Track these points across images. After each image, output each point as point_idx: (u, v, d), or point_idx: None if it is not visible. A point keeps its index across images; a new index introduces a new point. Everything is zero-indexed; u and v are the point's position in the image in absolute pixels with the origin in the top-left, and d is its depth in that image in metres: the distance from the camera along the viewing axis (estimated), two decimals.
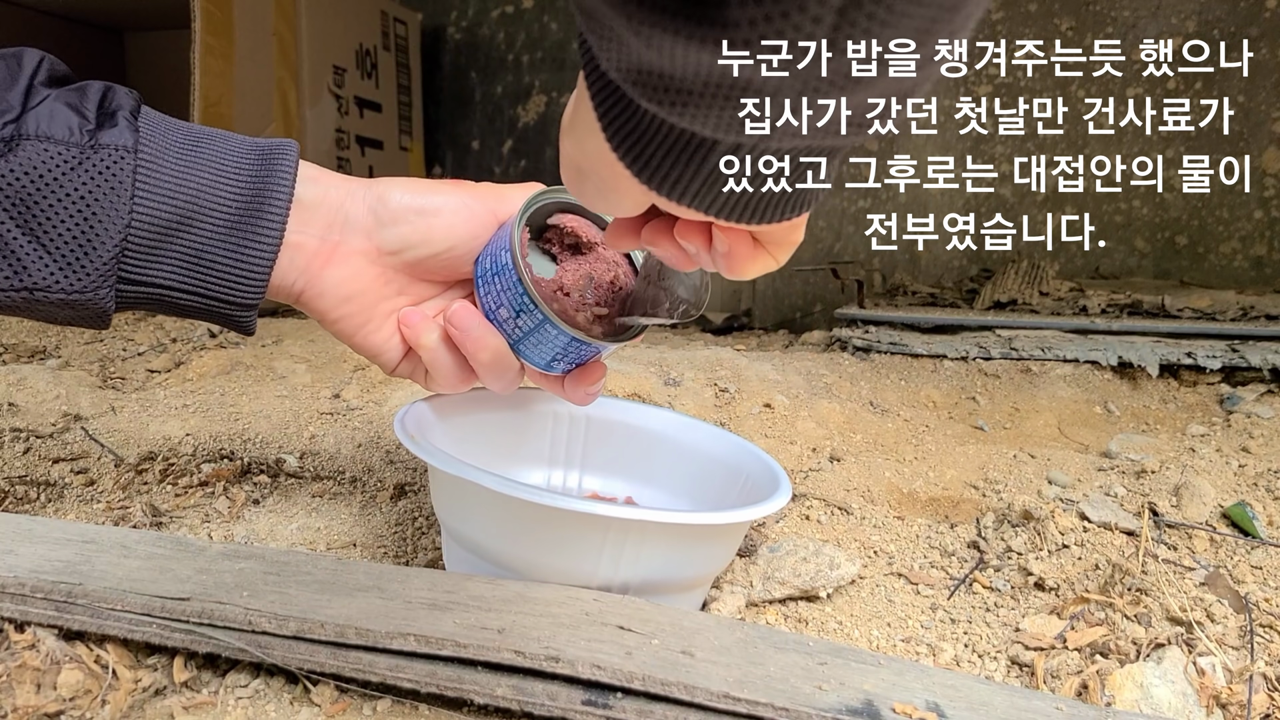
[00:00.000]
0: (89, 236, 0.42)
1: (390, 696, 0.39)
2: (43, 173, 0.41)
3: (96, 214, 0.42)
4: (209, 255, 0.45)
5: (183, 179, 0.44)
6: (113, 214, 0.42)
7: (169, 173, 0.44)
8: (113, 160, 0.42)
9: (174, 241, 0.44)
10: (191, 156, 0.45)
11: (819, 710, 0.36)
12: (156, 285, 0.45)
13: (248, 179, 0.46)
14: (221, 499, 0.65)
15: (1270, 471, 0.77)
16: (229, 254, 0.45)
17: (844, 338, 1.25)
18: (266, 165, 0.46)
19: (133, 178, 0.42)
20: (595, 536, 0.45)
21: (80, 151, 0.41)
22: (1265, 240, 1.71)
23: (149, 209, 0.43)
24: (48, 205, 0.41)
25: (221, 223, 0.45)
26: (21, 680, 0.38)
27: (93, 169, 0.41)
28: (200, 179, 0.44)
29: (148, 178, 0.43)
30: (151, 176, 0.43)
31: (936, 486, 0.77)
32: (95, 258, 0.42)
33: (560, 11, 2.28)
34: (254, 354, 1.08)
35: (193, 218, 0.44)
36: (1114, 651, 0.48)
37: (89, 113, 0.42)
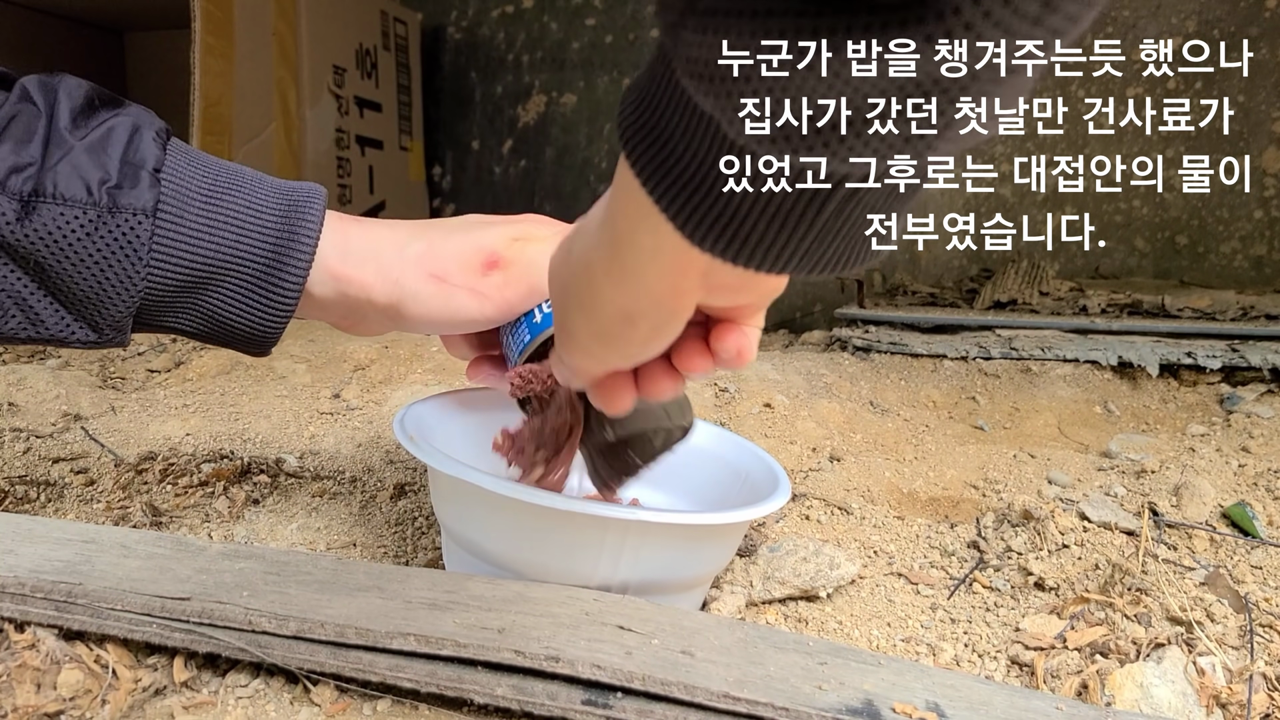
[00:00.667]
0: (103, 298, 0.42)
1: (390, 696, 0.39)
2: (58, 238, 0.40)
3: (110, 279, 0.41)
4: (225, 314, 0.45)
5: (200, 241, 0.43)
6: (127, 279, 0.42)
7: (187, 235, 0.43)
8: (129, 226, 0.41)
9: (190, 299, 0.44)
10: (212, 213, 0.44)
11: (819, 710, 0.36)
12: (173, 330, 0.45)
13: (271, 239, 0.45)
14: (221, 499, 0.65)
15: (1270, 471, 0.77)
16: (245, 313, 0.45)
17: (844, 337, 1.25)
18: (289, 225, 0.45)
19: (149, 244, 0.42)
20: (594, 537, 0.44)
21: (98, 214, 0.41)
22: (1265, 240, 1.71)
23: (164, 274, 0.43)
24: (64, 268, 0.41)
25: (239, 284, 0.45)
26: (21, 680, 0.38)
27: (109, 235, 0.41)
28: (220, 239, 0.44)
29: (164, 243, 0.42)
30: (169, 241, 0.43)
31: (936, 486, 0.77)
32: (109, 315, 0.42)
33: (560, 11, 2.28)
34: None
35: (210, 279, 0.44)
36: (1114, 651, 0.48)
37: (111, 167, 0.41)
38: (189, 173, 0.44)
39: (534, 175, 2.29)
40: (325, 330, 1.24)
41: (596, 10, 2.26)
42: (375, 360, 1.06)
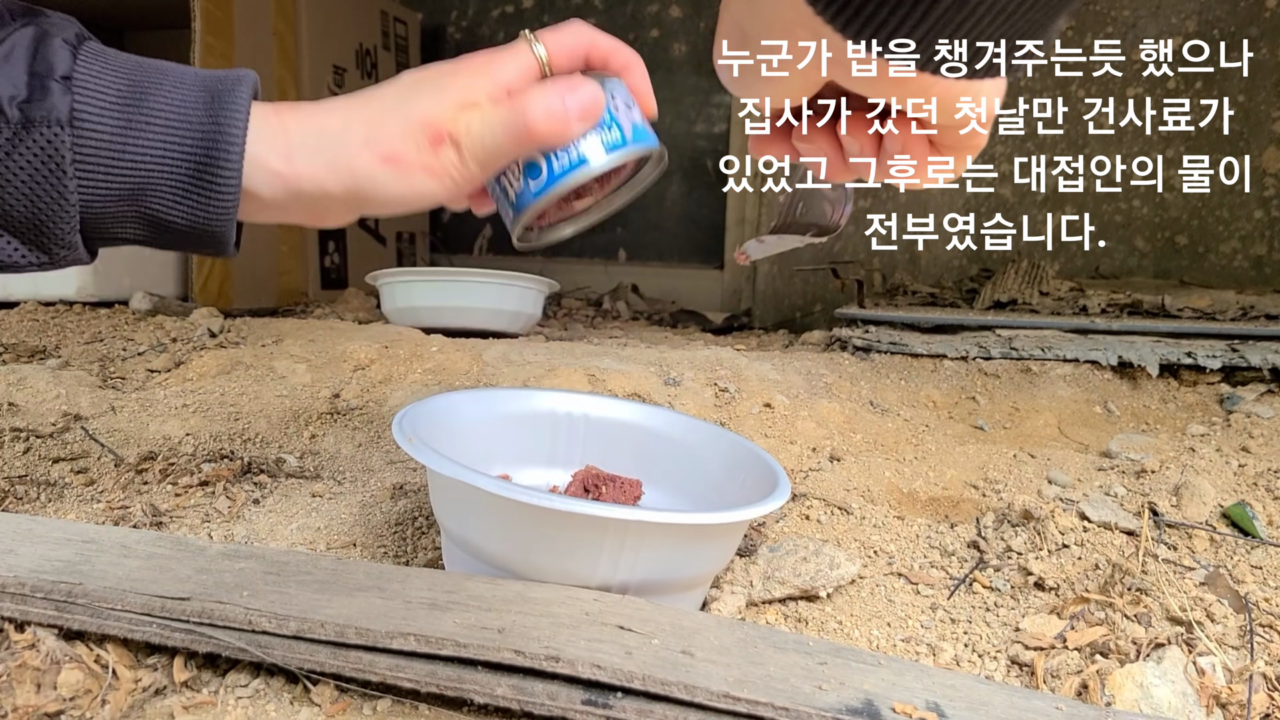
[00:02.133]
0: (41, 218, 0.40)
1: (390, 696, 0.39)
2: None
3: (43, 198, 0.40)
4: (169, 218, 0.43)
5: (125, 147, 0.41)
6: (58, 195, 0.40)
7: (109, 142, 0.41)
8: (46, 140, 0.39)
9: (132, 208, 0.42)
10: (132, 115, 0.42)
11: (819, 710, 0.36)
12: (128, 241, 0.43)
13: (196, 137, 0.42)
14: (221, 499, 0.65)
15: (1270, 471, 0.77)
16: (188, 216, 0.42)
17: (844, 337, 1.25)
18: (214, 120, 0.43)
19: (71, 156, 0.40)
20: (594, 537, 0.44)
21: (13, 132, 0.39)
22: (1265, 240, 1.71)
23: (95, 185, 0.41)
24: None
25: (174, 187, 0.42)
26: (22, 680, 0.38)
27: (28, 152, 0.39)
28: (144, 143, 0.42)
29: (88, 152, 0.40)
30: (91, 150, 0.40)
31: (936, 486, 0.77)
32: (53, 235, 0.41)
33: (560, 12, 2.28)
34: (254, 354, 1.08)
35: (145, 185, 0.42)
36: (1114, 651, 0.48)
37: (18, 80, 0.39)
38: (104, 76, 0.42)
39: None
40: (325, 330, 1.24)
41: (596, 10, 2.25)
42: (375, 360, 1.06)
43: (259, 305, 1.68)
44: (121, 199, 0.42)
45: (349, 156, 0.44)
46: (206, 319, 1.29)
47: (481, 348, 1.12)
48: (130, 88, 0.42)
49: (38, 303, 1.43)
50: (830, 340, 1.31)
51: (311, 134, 0.44)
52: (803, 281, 2.08)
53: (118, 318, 1.37)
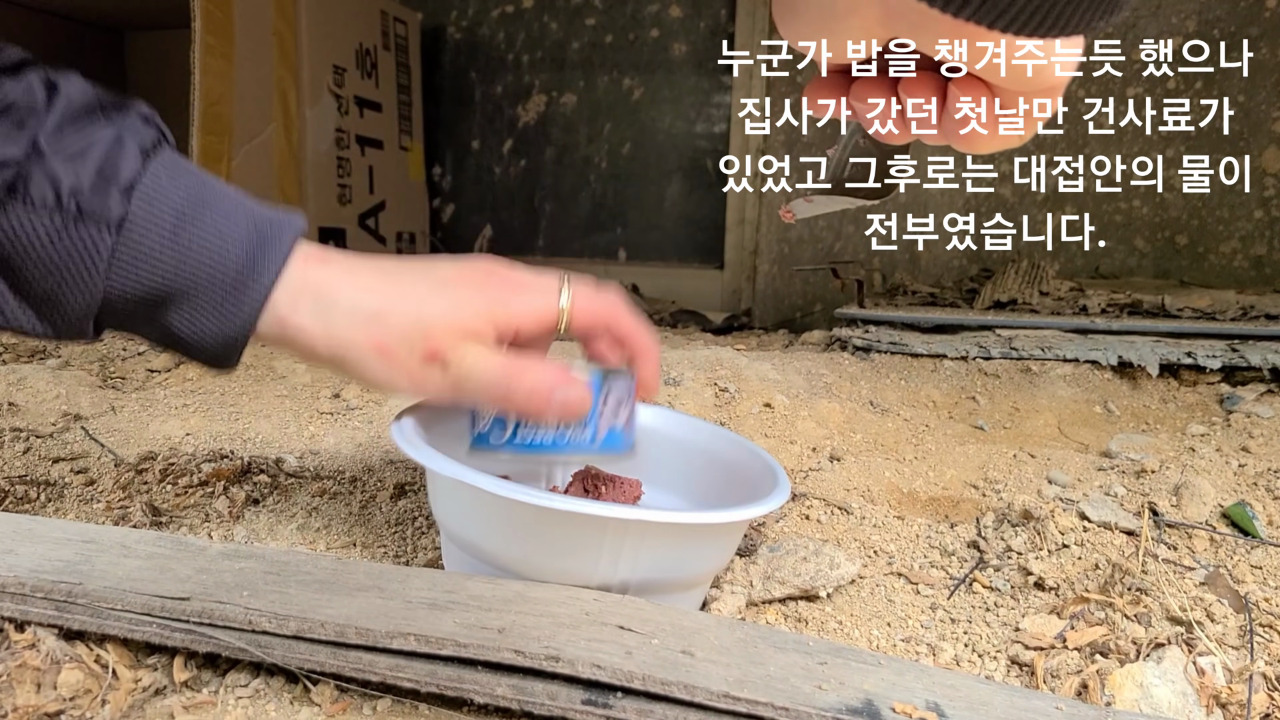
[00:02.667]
0: (60, 301, 0.42)
1: (390, 696, 0.39)
2: (23, 238, 0.40)
3: (69, 285, 0.41)
4: (181, 333, 0.44)
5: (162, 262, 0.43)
6: (85, 288, 0.41)
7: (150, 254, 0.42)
8: (91, 239, 0.41)
9: (150, 313, 0.43)
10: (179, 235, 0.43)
11: (819, 710, 0.36)
12: (136, 335, 0.45)
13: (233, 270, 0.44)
14: (221, 499, 0.65)
15: (1270, 471, 0.77)
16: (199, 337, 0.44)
17: (844, 337, 1.25)
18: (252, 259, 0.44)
19: (109, 259, 0.41)
20: (593, 537, 0.44)
21: (64, 222, 0.40)
22: (1265, 240, 1.71)
23: (123, 287, 0.42)
24: (26, 267, 0.41)
25: (196, 309, 0.44)
26: (21, 680, 0.38)
27: (70, 244, 0.41)
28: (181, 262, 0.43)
29: (126, 258, 0.42)
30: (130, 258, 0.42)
31: (936, 486, 0.77)
32: (68, 321, 0.42)
33: (560, 11, 2.28)
34: (254, 354, 1.08)
35: (169, 299, 0.43)
36: (1114, 651, 0.48)
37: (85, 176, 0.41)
38: (167, 189, 0.43)
39: (534, 175, 2.29)
40: None
41: (596, 10, 2.25)
42: None
43: None
44: (145, 304, 0.43)
45: (347, 330, 0.45)
46: None
47: None
48: (185, 205, 0.43)
49: None
50: (830, 340, 1.31)
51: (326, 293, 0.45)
52: (803, 281, 2.08)
53: None
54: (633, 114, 2.26)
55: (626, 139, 2.27)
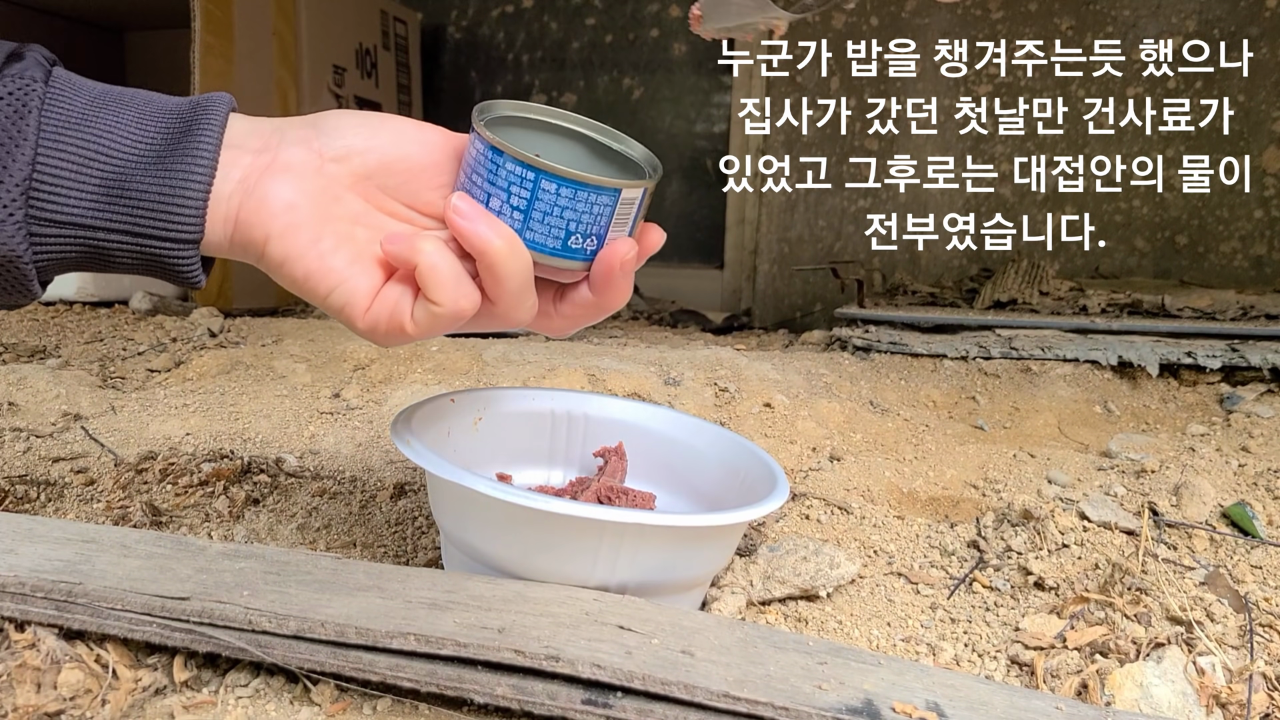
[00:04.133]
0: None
1: (390, 696, 0.39)
2: None
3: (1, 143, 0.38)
4: (133, 184, 0.40)
5: (99, 112, 0.40)
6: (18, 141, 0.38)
7: (83, 105, 0.40)
8: (18, 86, 0.38)
9: (91, 171, 0.40)
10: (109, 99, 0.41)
11: (819, 710, 0.36)
12: (76, 224, 0.40)
13: (174, 114, 0.41)
14: (221, 499, 0.65)
15: (1270, 471, 0.77)
16: (156, 180, 0.40)
17: (844, 337, 1.25)
18: (196, 103, 0.42)
19: (41, 103, 0.39)
20: (592, 539, 0.44)
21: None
22: (1265, 240, 1.71)
23: (59, 139, 0.39)
24: None
25: (145, 151, 0.40)
26: (22, 679, 0.38)
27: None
28: (120, 114, 0.41)
29: (58, 107, 0.39)
30: (62, 106, 0.39)
31: (936, 486, 0.77)
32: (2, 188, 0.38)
33: (560, 11, 2.28)
34: (254, 354, 1.08)
35: (112, 148, 0.40)
36: (1114, 651, 0.48)
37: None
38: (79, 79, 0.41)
39: None
40: (325, 330, 1.24)
41: (596, 10, 2.25)
42: (375, 360, 1.06)
43: (259, 305, 1.68)
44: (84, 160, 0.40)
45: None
46: (206, 319, 1.29)
47: (481, 347, 1.12)
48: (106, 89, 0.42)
49: (38, 302, 1.43)
50: (830, 340, 1.31)
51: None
52: (803, 281, 2.08)
53: (118, 317, 1.37)
54: (633, 114, 2.26)
55: None
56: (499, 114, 0.45)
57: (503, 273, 0.41)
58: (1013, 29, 1.85)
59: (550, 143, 0.46)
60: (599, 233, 0.43)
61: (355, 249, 0.43)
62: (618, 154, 0.46)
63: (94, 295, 1.47)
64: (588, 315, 0.46)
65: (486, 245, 0.41)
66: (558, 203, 0.41)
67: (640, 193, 0.43)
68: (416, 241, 0.41)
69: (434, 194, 0.44)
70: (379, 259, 0.43)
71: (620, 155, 0.46)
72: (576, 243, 0.43)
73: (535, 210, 0.41)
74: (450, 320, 0.42)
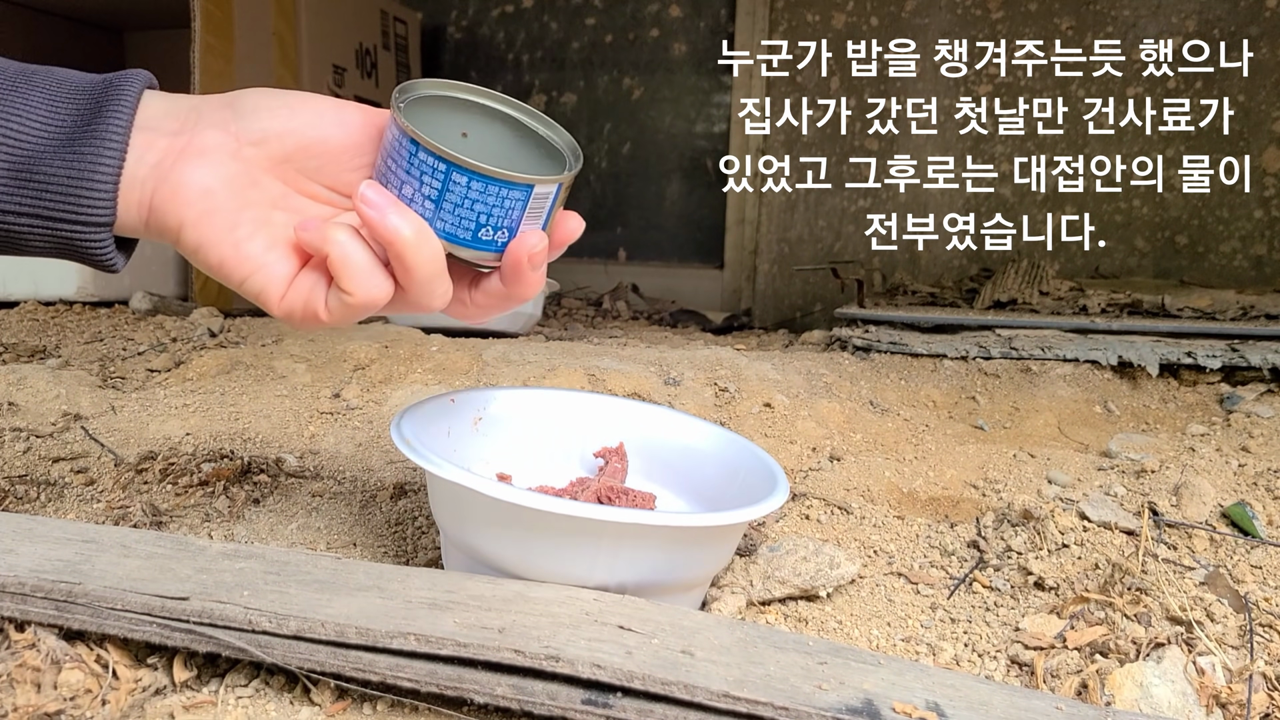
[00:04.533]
0: None
1: (390, 696, 0.39)
2: None
3: None
4: (42, 167, 0.39)
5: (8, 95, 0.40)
6: None
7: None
8: None
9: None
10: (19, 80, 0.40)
11: (819, 710, 0.36)
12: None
13: (86, 94, 0.40)
14: (221, 499, 0.65)
15: (1270, 471, 0.77)
16: (65, 163, 0.39)
17: (844, 337, 1.25)
18: (108, 82, 0.41)
19: None
20: (591, 540, 0.44)
21: None
22: (1265, 240, 1.71)
23: None
24: None
25: (55, 133, 0.40)
26: (22, 679, 0.38)
27: None
28: (28, 96, 0.40)
29: None
30: None
31: (936, 486, 0.77)
32: None
33: (560, 11, 2.28)
34: (254, 354, 1.08)
35: (20, 131, 0.39)
36: (1114, 651, 0.48)
37: None
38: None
39: None
40: (325, 330, 1.24)
41: (596, 10, 2.25)
42: (375, 360, 1.06)
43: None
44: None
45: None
46: (206, 319, 1.29)
47: (481, 347, 1.12)
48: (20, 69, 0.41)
49: (37, 302, 1.43)
50: (830, 340, 1.31)
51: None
52: (803, 281, 2.08)
53: (118, 317, 1.37)
54: (633, 114, 2.26)
55: (626, 139, 2.27)
56: (420, 94, 0.45)
57: (412, 261, 0.41)
58: (1013, 29, 1.85)
59: (475, 123, 0.46)
60: (510, 225, 0.43)
61: (272, 234, 0.42)
62: (542, 138, 0.46)
63: (94, 295, 1.47)
64: (499, 305, 0.46)
65: (394, 235, 0.40)
66: (469, 195, 0.41)
67: (555, 187, 0.43)
68: (328, 230, 0.41)
69: (354, 175, 0.44)
70: (296, 244, 0.43)
71: (545, 140, 0.46)
72: (487, 235, 0.43)
73: (446, 201, 0.41)
74: (363, 308, 0.42)
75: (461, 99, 0.46)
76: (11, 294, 1.44)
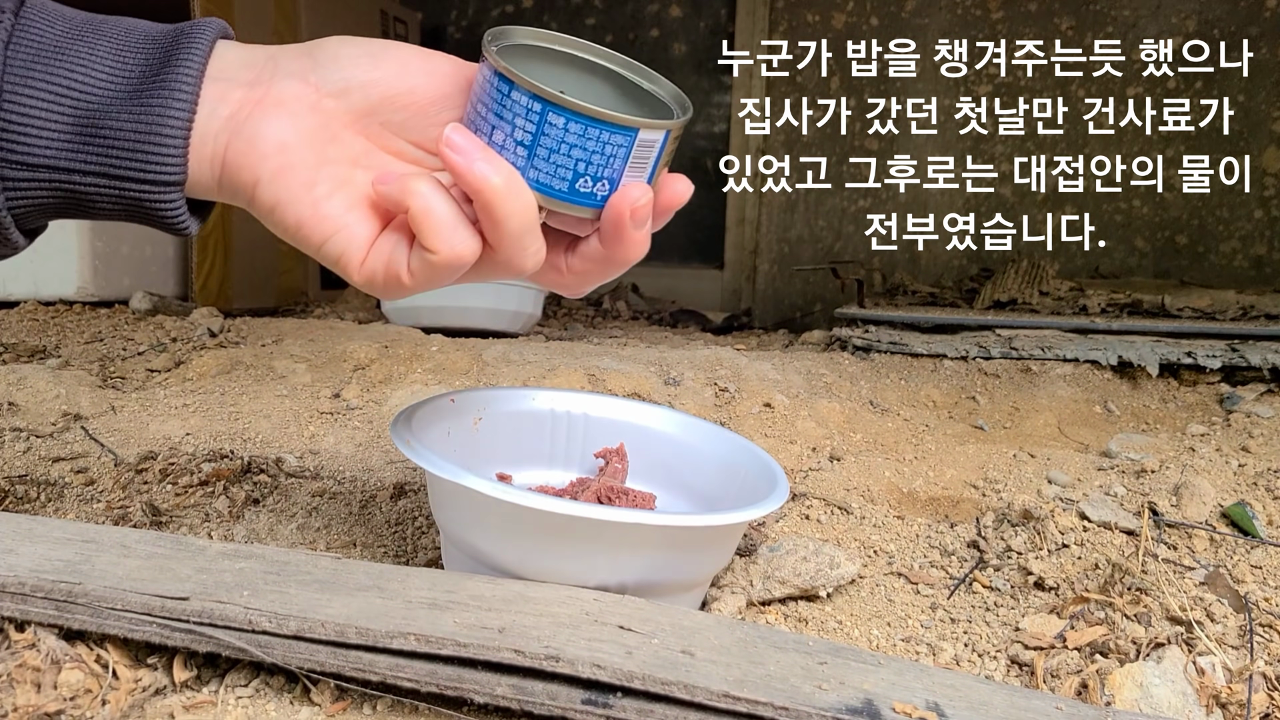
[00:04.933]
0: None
1: (390, 696, 0.39)
2: None
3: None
4: (107, 122, 0.37)
5: (73, 44, 0.37)
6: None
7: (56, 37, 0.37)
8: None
9: (61, 108, 0.37)
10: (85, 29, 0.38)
11: (819, 710, 0.36)
12: (48, 167, 0.37)
13: (155, 43, 0.38)
14: (221, 499, 0.65)
15: (1270, 471, 0.77)
16: (132, 117, 0.37)
17: (844, 337, 1.25)
18: (179, 30, 0.39)
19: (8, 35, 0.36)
20: (591, 540, 0.45)
21: None
22: (1265, 240, 1.71)
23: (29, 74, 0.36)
24: None
25: (121, 85, 0.37)
26: (22, 679, 0.38)
27: None
28: (95, 45, 0.37)
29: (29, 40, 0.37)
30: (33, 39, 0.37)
31: (936, 486, 0.77)
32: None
33: (560, 11, 2.28)
34: (254, 354, 1.08)
35: (85, 83, 0.37)
36: (1114, 651, 0.48)
37: None
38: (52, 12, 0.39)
39: None
40: (325, 330, 1.24)
41: (596, 10, 2.25)
42: (375, 360, 1.06)
43: (259, 305, 1.68)
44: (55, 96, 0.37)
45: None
46: (206, 319, 1.29)
47: (481, 347, 1.13)
48: (80, 24, 0.39)
49: (37, 302, 1.43)
50: (830, 340, 1.31)
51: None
52: (803, 281, 2.08)
53: (118, 317, 1.37)
54: None
55: None
56: (514, 41, 0.41)
57: (501, 213, 0.37)
58: (1013, 29, 1.85)
59: (572, 78, 0.42)
60: (611, 177, 0.38)
61: (353, 194, 0.39)
62: (646, 93, 0.42)
63: (94, 295, 1.47)
64: (599, 272, 0.42)
65: (482, 183, 0.36)
66: (566, 140, 0.37)
67: (661, 135, 0.38)
68: (409, 182, 0.37)
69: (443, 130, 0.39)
70: (377, 204, 0.40)
71: (649, 95, 0.42)
72: (586, 186, 0.38)
73: (541, 147, 0.38)
74: (448, 269, 0.38)
75: (557, 50, 0.42)
76: (11, 294, 1.44)
